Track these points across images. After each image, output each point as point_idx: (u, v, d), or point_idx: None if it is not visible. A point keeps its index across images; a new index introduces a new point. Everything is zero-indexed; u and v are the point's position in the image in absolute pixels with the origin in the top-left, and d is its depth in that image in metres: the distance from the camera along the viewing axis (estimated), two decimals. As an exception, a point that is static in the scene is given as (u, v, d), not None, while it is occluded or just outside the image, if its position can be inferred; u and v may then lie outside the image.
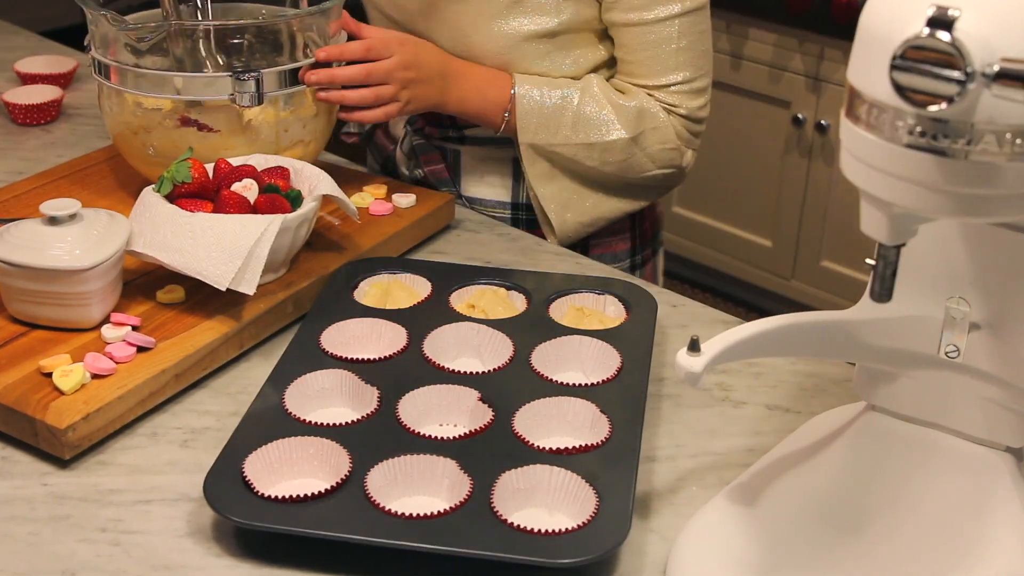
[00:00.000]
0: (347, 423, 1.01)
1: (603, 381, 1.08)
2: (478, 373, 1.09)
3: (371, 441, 0.98)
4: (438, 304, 1.20)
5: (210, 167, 1.23)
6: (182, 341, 1.11)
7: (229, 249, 1.11)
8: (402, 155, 1.54)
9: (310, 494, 0.91)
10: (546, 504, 0.95)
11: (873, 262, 0.79)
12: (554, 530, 0.89)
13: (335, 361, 1.09)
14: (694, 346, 0.84)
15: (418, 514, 0.90)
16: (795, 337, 0.90)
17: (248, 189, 1.20)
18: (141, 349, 1.09)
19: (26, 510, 0.96)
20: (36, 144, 1.62)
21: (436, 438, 0.99)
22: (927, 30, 0.65)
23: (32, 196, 1.38)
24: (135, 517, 0.95)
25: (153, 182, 1.21)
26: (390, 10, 1.46)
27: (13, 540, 0.93)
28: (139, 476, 1.00)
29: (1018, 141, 0.67)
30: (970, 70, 0.65)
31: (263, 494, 0.92)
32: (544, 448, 0.98)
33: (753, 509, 0.91)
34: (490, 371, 1.09)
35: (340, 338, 1.13)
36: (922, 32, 0.65)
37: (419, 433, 1.00)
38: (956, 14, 0.65)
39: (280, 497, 0.91)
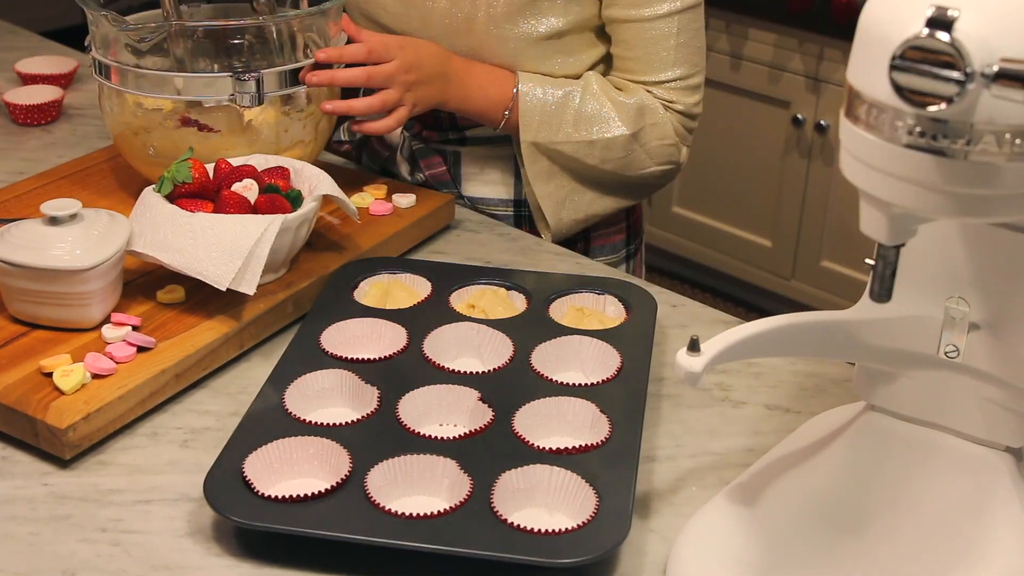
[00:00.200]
0: (347, 423, 1.01)
1: (603, 381, 1.08)
2: (478, 373, 1.09)
3: (371, 441, 0.98)
4: (438, 304, 1.20)
5: (210, 167, 1.23)
6: (182, 341, 1.11)
7: (229, 249, 1.11)
8: (403, 160, 1.53)
9: (310, 494, 0.91)
10: (546, 504, 0.95)
11: (873, 262, 0.79)
12: (554, 530, 0.89)
13: (335, 361, 1.09)
14: (694, 346, 0.84)
15: (418, 514, 0.90)
16: (795, 337, 0.90)
17: (248, 189, 1.20)
18: (141, 349, 1.09)
19: (26, 510, 0.96)
20: (36, 144, 1.62)
21: (436, 438, 0.99)
22: (927, 30, 0.65)
23: (32, 196, 1.38)
24: (135, 517, 0.95)
25: (153, 182, 1.21)
26: (386, 19, 1.44)
27: (13, 540, 0.93)
28: (139, 476, 1.00)
29: (1018, 141, 0.67)
30: (969, 70, 0.65)
31: (263, 494, 0.92)
32: (544, 448, 0.98)
33: (753, 509, 0.91)
34: (490, 371, 1.09)
35: (340, 338, 1.13)
36: (922, 32, 0.65)
37: (419, 433, 1.00)
38: (956, 14, 0.65)
39: (280, 497, 0.91)
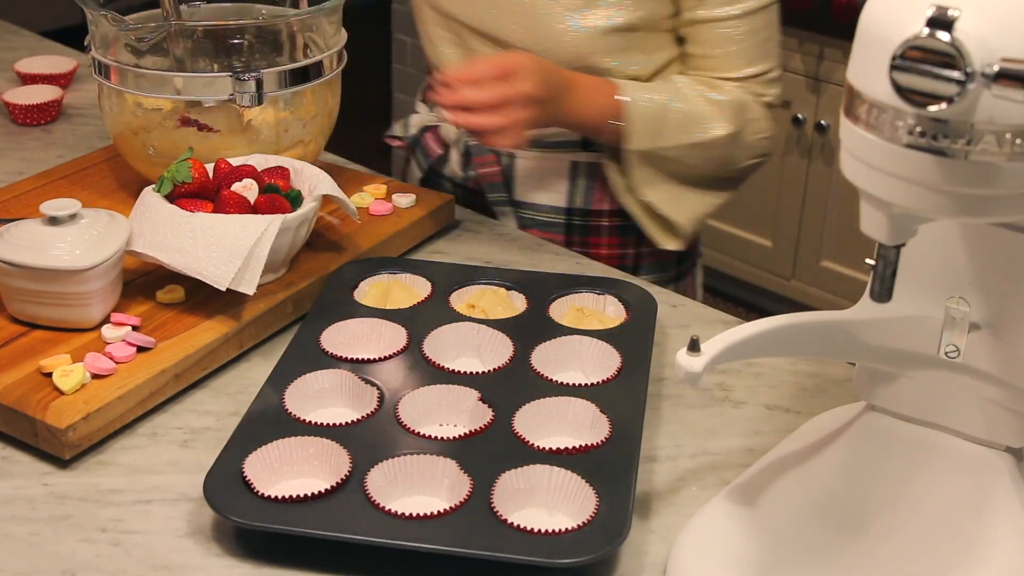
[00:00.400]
0: (347, 423, 1.01)
1: (603, 381, 1.08)
2: (478, 373, 1.09)
3: (371, 441, 0.98)
4: (438, 304, 1.20)
5: (210, 167, 1.23)
6: (182, 341, 1.11)
7: (229, 249, 1.11)
8: (458, 156, 1.49)
9: (310, 494, 0.91)
10: (546, 504, 0.95)
11: (873, 262, 0.79)
12: (554, 530, 0.89)
13: (335, 361, 1.09)
14: (694, 346, 0.84)
15: (418, 514, 0.90)
16: (795, 337, 0.90)
17: (248, 189, 1.20)
18: (141, 349, 1.09)
19: (26, 510, 0.96)
20: (36, 144, 1.62)
21: (436, 438, 0.99)
22: (927, 30, 0.65)
23: (32, 196, 1.38)
24: (135, 517, 0.95)
25: (153, 182, 1.21)
26: (450, 6, 1.43)
27: (13, 540, 0.93)
28: (139, 476, 1.00)
29: (1018, 141, 0.67)
30: (970, 70, 0.65)
31: (263, 494, 0.92)
32: (544, 448, 0.98)
33: (753, 509, 0.91)
34: (490, 371, 1.09)
35: (340, 338, 1.13)
36: (922, 32, 0.65)
37: (419, 433, 1.00)
38: (956, 14, 0.65)
39: (280, 497, 0.91)
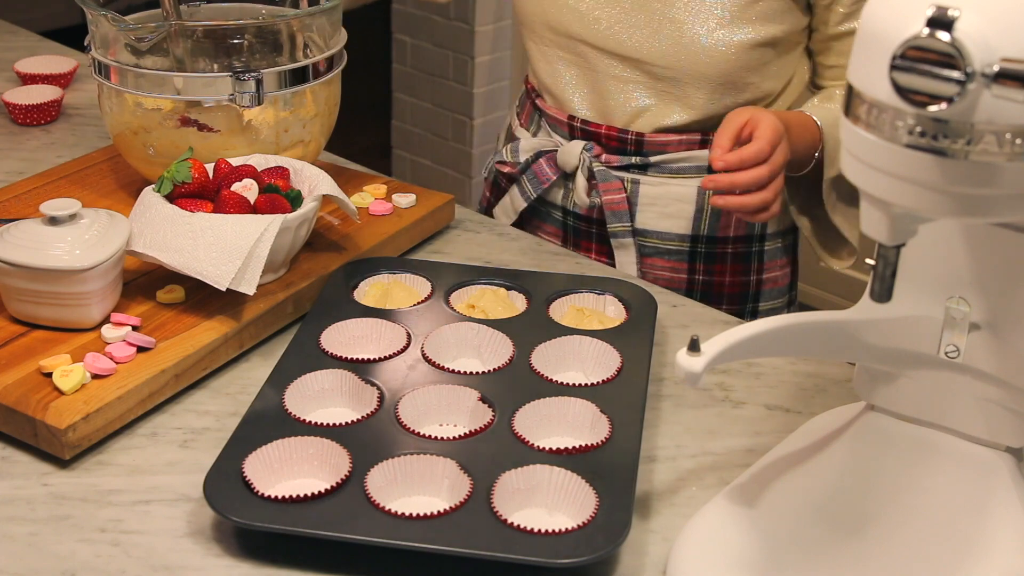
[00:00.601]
0: (347, 423, 1.01)
1: (603, 381, 1.08)
2: (478, 373, 1.09)
3: (371, 441, 0.98)
4: (438, 304, 1.20)
5: (210, 167, 1.23)
6: (182, 341, 1.11)
7: (229, 249, 1.11)
8: (584, 182, 1.43)
9: (310, 494, 0.91)
10: (546, 504, 0.95)
11: (873, 262, 0.79)
12: (554, 530, 0.89)
13: (335, 361, 1.09)
14: (694, 346, 0.84)
15: (418, 514, 0.90)
16: (795, 337, 0.90)
17: (248, 189, 1.20)
18: (141, 349, 1.09)
19: (26, 510, 0.96)
20: (36, 144, 1.62)
21: (436, 438, 0.99)
22: (927, 30, 0.65)
23: (32, 196, 1.38)
24: (135, 517, 0.95)
25: (153, 182, 1.21)
26: (581, 29, 1.38)
27: (13, 540, 0.93)
28: (139, 476, 1.00)
29: (1018, 141, 0.67)
30: (970, 70, 0.65)
31: (263, 494, 0.92)
32: (544, 448, 0.98)
33: (753, 509, 0.91)
34: (490, 371, 1.09)
35: (340, 338, 1.13)
36: (922, 32, 0.65)
37: (419, 433, 1.00)
38: (956, 14, 0.65)
39: (280, 497, 0.91)
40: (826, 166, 1.35)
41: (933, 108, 0.66)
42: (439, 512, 0.90)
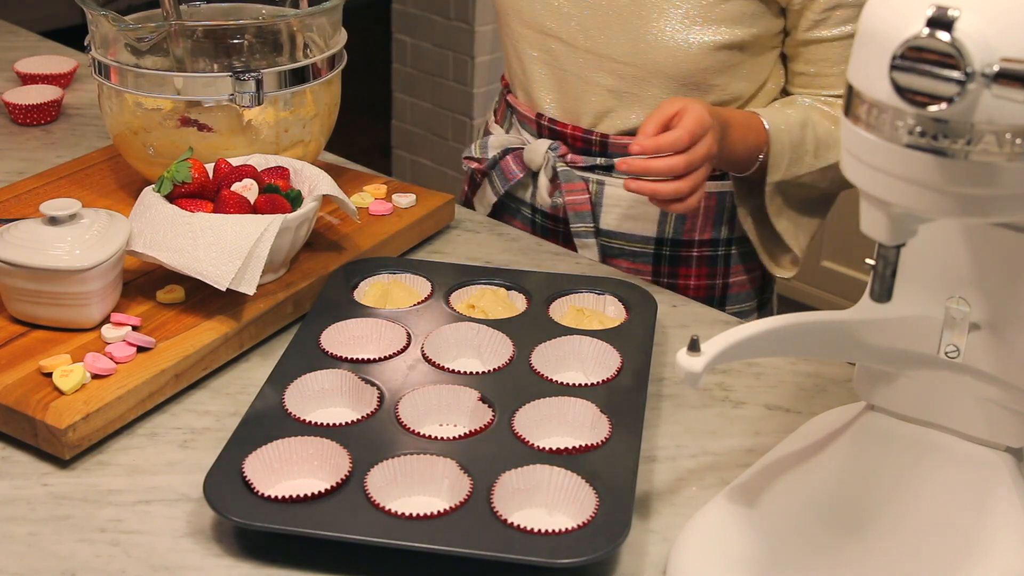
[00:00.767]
0: (347, 423, 1.01)
1: (603, 381, 1.08)
2: (478, 373, 1.09)
3: (371, 441, 0.98)
4: (438, 304, 1.20)
5: (210, 167, 1.23)
6: (182, 341, 1.11)
7: (229, 249, 1.11)
8: (546, 182, 1.43)
9: (310, 494, 0.91)
10: (546, 504, 0.95)
11: (873, 262, 0.79)
12: (554, 530, 0.89)
13: (335, 361, 1.09)
14: (694, 346, 0.84)
15: (418, 514, 0.90)
16: (795, 337, 0.90)
17: (248, 189, 1.20)
18: (141, 349, 1.09)
19: (26, 510, 0.96)
20: (36, 144, 1.62)
21: (436, 438, 0.99)
22: (927, 30, 0.65)
23: (32, 196, 1.38)
24: (135, 517, 0.95)
25: (153, 182, 1.21)
26: (554, 24, 1.38)
27: (13, 540, 0.93)
28: (139, 476, 1.00)
29: (1018, 141, 0.67)
30: (970, 70, 0.65)
31: (263, 494, 0.92)
32: (544, 448, 0.98)
33: (753, 509, 0.91)
34: (490, 371, 1.09)
35: (340, 338, 1.13)
36: (922, 32, 0.65)
37: (419, 433, 1.00)
38: (956, 14, 0.65)
39: (280, 497, 0.91)
40: (770, 170, 1.33)
41: (933, 108, 0.66)
42: (439, 512, 0.90)
